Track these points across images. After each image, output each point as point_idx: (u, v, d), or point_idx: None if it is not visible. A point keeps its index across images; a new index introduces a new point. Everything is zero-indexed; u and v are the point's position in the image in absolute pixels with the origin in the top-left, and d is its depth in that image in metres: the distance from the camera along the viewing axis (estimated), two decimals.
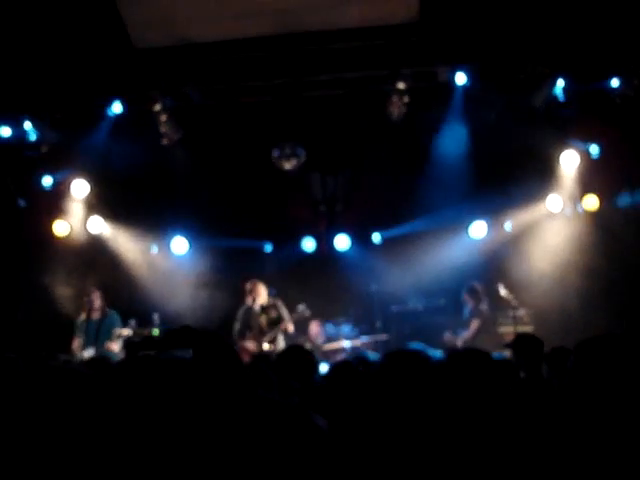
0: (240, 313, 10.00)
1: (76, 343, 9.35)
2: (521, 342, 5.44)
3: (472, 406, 3.13)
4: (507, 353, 6.63)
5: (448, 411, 3.06)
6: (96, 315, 9.50)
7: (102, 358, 6.27)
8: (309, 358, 4.38)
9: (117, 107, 10.14)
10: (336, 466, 2.08)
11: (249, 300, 9.99)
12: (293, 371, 4.04)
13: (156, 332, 10.48)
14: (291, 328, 9.79)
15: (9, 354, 3.58)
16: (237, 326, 9.91)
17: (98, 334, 9.31)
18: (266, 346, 9.69)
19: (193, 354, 1.89)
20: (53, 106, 9.99)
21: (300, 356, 4.32)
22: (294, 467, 1.88)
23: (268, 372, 3.41)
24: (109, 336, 9.33)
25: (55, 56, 9.11)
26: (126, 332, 9.48)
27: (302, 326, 10.33)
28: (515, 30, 8.90)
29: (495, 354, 5.37)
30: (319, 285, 11.08)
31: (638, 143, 9.56)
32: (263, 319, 9.79)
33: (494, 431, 2.94)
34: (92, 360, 6.31)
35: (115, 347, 9.23)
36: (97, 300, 9.51)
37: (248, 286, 10.05)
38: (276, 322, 9.80)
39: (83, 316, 9.51)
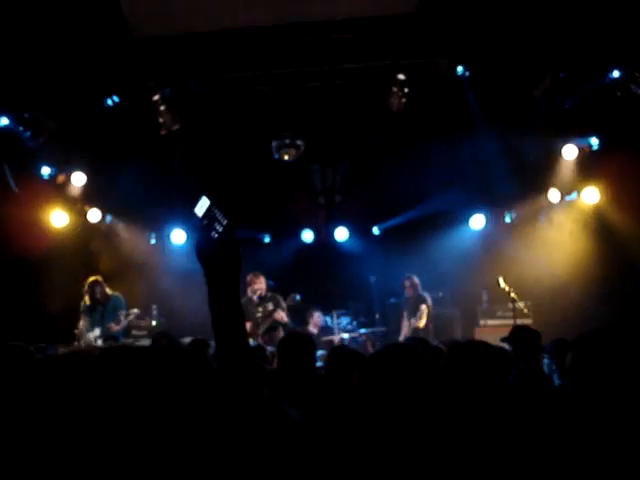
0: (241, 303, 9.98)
1: (81, 324, 9.46)
2: (518, 334, 5.43)
3: (474, 397, 3.11)
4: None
5: (449, 403, 3.04)
6: (100, 301, 9.60)
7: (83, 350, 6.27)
8: (308, 344, 4.34)
9: (116, 97, 10.10)
10: (311, 459, 2.05)
11: (249, 292, 9.97)
12: (293, 358, 4.01)
13: (155, 323, 10.51)
14: (284, 317, 9.74)
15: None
16: None
17: (103, 317, 9.47)
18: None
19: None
20: (52, 96, 9.94)
21: (299, 343, 4.29)
22: (265, 460, 1.86)
23: (261, 365, 3.39)
24: (114, 318, 9.51)
25: (54, 46, 9.06)
26: (132, 314, 9.77)
27: (298, 315, 10.32)
28: (515, 21, 8.85)
29: None
30: (318, 277, 11.09)
31: (638, 135, 9.53)
32: (260, 311, 9.77)
33: (496, 423, 2.93)
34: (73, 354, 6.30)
35: (117, 328, 9.38)
36: (98, 289, 9.59)
37: (248, 278, 10.03)
38: (271, 315, 9.76)
39: (87, 300, 9.59)
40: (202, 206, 2.02)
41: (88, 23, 8.80)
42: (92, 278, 9.72)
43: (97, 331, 9.37)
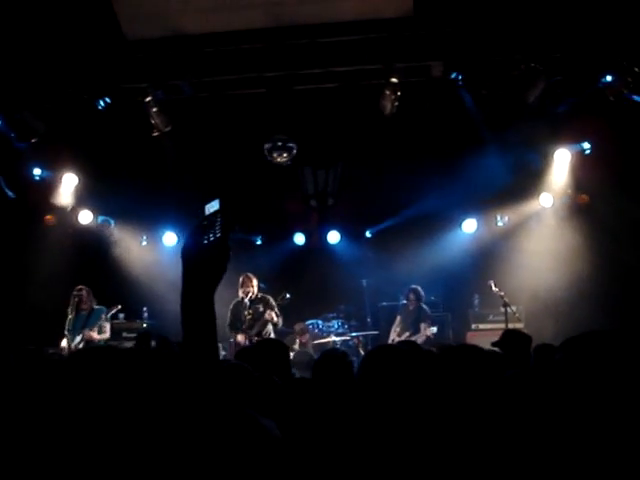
0: (232, 306, 9.99)
1: (65, 340, 9.33)
2: (509, 338, 5.42)
3: (463, 401, 3.11)
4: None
5: (439, 405, 3.03)
6: (84, 309, 9.50)
7: None
8: (282, 352, 4.29)
9: (108, 99, 10.04)
10: (290, 471, 2.02)
11: (240, 293, 9.96)
12: (268, 365, 3.97)
13: (145, 326, 10.49)
14: (274, 317, 9.72)
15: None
16: (229, 319, 9.90)
17: (85, 326, 9.34)
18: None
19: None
20: (43, 97, 9.89)
21: (272, 350, 4.23)
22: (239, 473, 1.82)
23: (249, 369, 3.35)
24: (97, 327, 9.42)
25: (46, 47, 9.03)
26: (115, 309, 9.70)
27: (289, 319, 10.29)
28: (509, 26, 8.86)
29: None
30: (310, 280, 11.07)
31: (630, 140, 9.56)
32: (251, 313, 9.76)
33: (489, 425, 2.92)
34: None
35: (95, 335, 9.29)
36: (85, 296, 9.49)
37: (240, 279, 10.02)
38: (262, 316, 9.75)
39: (71, 313, 9.46)
40: (211, 208, 1.99)
41: (80, 24, 8.76)
42: (79, 286, 9.60)
43: (78, 339, 9.28)
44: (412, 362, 3.12)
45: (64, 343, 9.27)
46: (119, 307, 9.83)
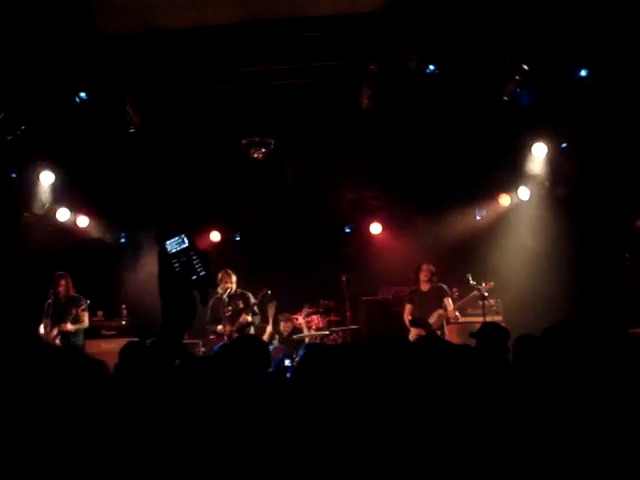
0: (211, 303, 9.96)
1: (43, 326, 9.29)
2: (486, 331, 5.44)
3: (437, 396, 3.13)
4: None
5: (413, 399, 3.05)
6: (61, 298, 9.44)
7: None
8: (261, 348, 4.29)
9: (84, 95, 9.96)
10: None
11: (219, 290, 9.93)
12: (245, 362, 3.96)
13: (124, 323, 10.44)
14: (248, 319, 9.72)
15: None
16: (208, 316, 9.88)
17: (62, 316, 9.28)
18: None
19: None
20: (18, 93, 9.78)
21: (251, 346, 4.22)
22: None
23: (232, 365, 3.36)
24: (71, 317, 9.34)
25: (19, 43, 8.93)
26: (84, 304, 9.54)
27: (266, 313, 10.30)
28: (485, 20, 8.88)
29: None
30: (289, 275, 11.07)
31: (606, 133, 9.61)
32: (230, 309, 9.74)
33: (458, 416, 2.94)
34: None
35: (69, 326, 9.27)
36: (62, 283, 9.43)
37: (219, 275, 9.99)
38: (242, 312, 9.76)
39: (50, 299, 9.43)
40: (179, 244, 1.99)
41: (54, 19, 8.68)
42: (58, 272, 9.57)
43: (55, 331, 9.24)
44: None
45: (42, 329, 9.23)
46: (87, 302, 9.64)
